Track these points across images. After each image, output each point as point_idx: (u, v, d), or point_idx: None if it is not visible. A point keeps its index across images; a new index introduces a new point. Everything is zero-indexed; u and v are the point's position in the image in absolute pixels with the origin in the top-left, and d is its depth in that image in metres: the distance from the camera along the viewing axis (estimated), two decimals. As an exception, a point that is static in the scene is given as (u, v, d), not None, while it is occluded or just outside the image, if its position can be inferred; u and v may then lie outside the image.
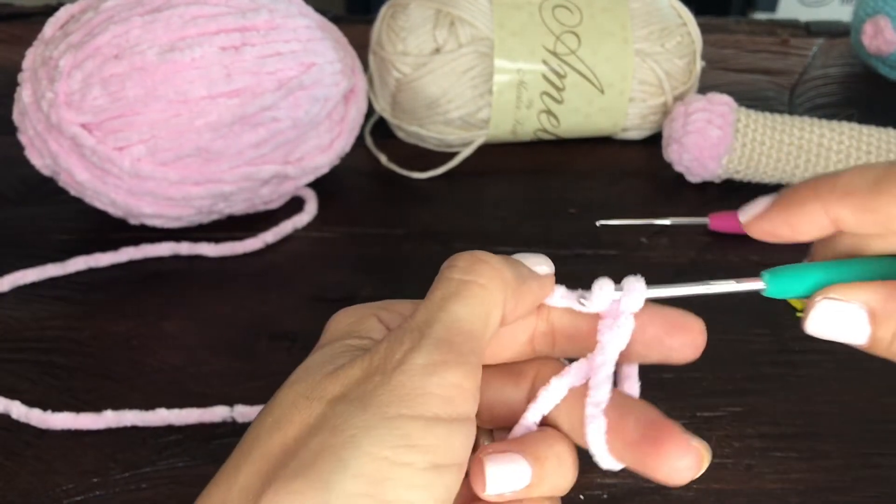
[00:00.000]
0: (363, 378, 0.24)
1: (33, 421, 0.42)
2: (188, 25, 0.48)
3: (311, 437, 0.23)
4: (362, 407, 0.23)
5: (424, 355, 0.24)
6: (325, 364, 0.25)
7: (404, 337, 0.24)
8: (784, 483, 0.40)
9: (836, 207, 0.24)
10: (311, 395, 0.24)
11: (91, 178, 0.50)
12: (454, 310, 0.25)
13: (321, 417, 0.23)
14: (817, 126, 0.58)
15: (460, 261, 0.27)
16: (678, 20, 0.63)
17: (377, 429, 0.22)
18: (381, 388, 0.23)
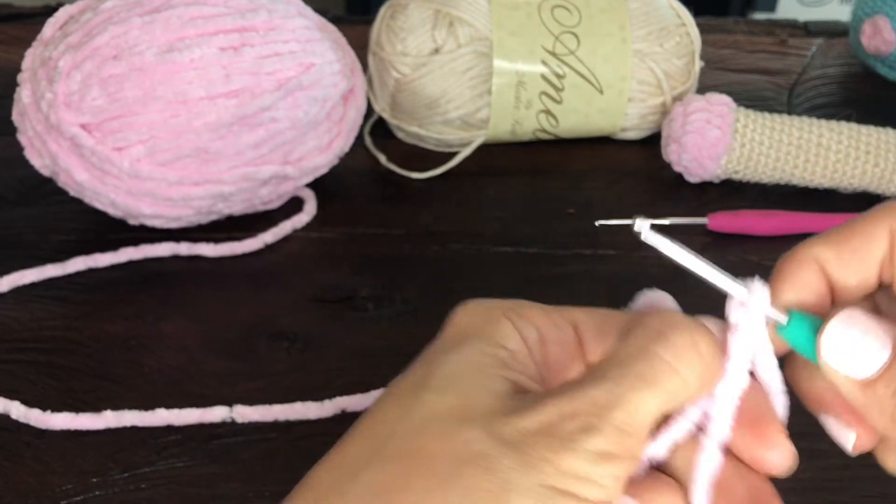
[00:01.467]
0: (530, 433, 0.21)
1: (32, 421, 0.42)
2: (187, 26, 0.48)
3: (461, 466, 0.21)
4: (523, 463, 0.21)
5: (599, 443, 0.21)
6: (475, 375, 0.23)
7: (582, 409, 0.22)
8: (784, 483, 0.40)
9: (819, 250, 0.24)
10: (471, 417, 0.22)
11: (90, 178, 0.50)
12: (646, 400, 0.22)
13: (477, 451, 0.21)
14: (816, 126, 0.58)
15: (678, 337, 0.23)
16: (677, 20, 0.63)
17: (529, 491, 0.21)
18: (546, 454, 0.21)
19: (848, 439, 0.25)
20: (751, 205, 0.58)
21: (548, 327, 0.26)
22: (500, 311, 0.26)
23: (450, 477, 0.21)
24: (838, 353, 0.23)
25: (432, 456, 0.21)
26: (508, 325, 0.25)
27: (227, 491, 0.40)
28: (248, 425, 0.42)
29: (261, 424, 0.42)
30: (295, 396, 0.43)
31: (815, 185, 0.59)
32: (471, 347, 0.24)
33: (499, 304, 0.26)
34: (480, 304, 0.26)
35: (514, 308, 0.26)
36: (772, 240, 0.55)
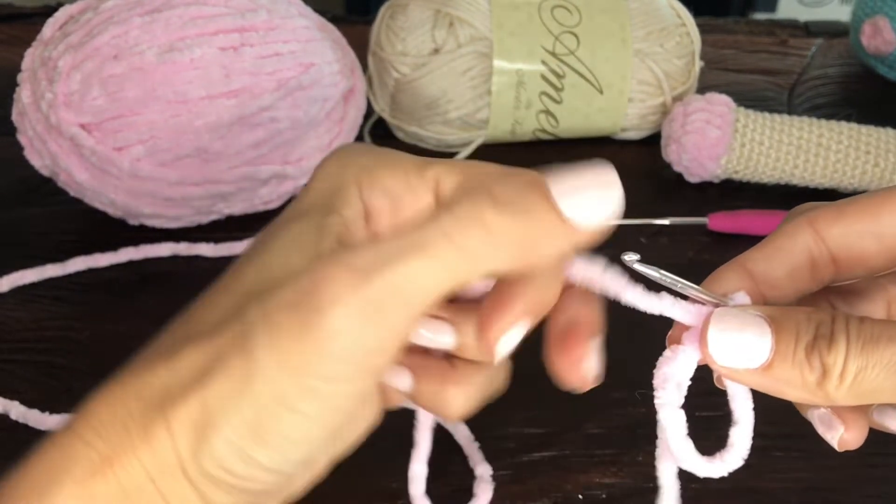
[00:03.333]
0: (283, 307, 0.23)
1: (31, 422, 0.42)
2: (187, 26, 0.48)
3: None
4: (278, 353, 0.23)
5: (345, 319, 0.22)
6: (302, 236, 0.25)
7: (358, 264, 0.22)
8: (784, 483, 0.40)
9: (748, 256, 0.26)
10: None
11: (90, 178, 0.50)
12: (414, 268, 0.22)
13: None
14: (816, 126, 0.58)
15: (466, 207, 0.23)
16: (677, 20, 0.63)
17: (275, 380, 0.22)
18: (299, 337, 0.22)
19: (834, 434, 0.26)
20: (751, 205, 0.58)
21: (401, 191, 0.25)
22: (351, 175, 0.25)
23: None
24: (728, 351, 0.23)
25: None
26: (354, 192, 0.25)
27: (226, 491, 0.39)
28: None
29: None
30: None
31: (815, 185, 0.59)
32: (312, 213, 0.25)
33: (354, 164, 0.26)
34: (341, 160, 0.26)
35: (368, 171, 0.25)
36: (772, 240, 0.55)
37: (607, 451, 0.41)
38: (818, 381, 0.22)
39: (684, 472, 0.27)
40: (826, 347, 0.22)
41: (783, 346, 0.23)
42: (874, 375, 0.22)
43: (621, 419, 0.43)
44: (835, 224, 0.24)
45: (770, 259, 0.25)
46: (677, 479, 0.25)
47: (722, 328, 0.23)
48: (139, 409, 0.24)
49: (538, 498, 0.39)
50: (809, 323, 0.23)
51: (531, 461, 0.40)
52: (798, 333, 0.23)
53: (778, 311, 0.23)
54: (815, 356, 0.22)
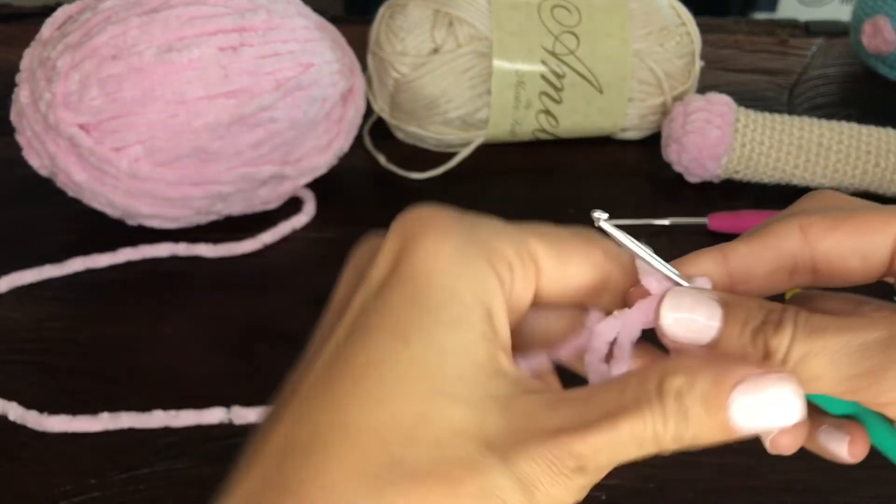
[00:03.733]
0: (536, 464, 0.21)
1: (30, 423, 0.42)
2: (186, 26, 0.48)
3: (481, 499, 0.21)
4: (524, 492, 0.21)
5: (584, 482, 0.22)
6: (480, 375, 0.22)
7: (582, 452, 0.21)
8: (783, 483, 0.40)
9: (731, 246, 0.25)
10: (489, 442, 0.21)
11: (89, 178, 0.50)
12: (627, 453, 0.22)
13: (495, 485, 0.21)
14: (816, 126, 0.58)
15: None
16: (677, 20, 0.63)
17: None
18: (544, 485, 0.21)
19: (842, 445, 0.25)
20: (751, 205, 0.57)
21: (518, 265, 0.24)
22: (482, 256, 0.23)
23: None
24: (678, 323, 0.24)
25: (458, 483, 0.21)
26: (493, 279, 0.23)
27: (225, 492, 0.39)
28: (246, 426, 0.42)
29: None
30: (294, 397, 0.43)
31: (816, 185, 0.59)
32: (467, 330, 0.22)
33: (476, 240, 0.24)
34: (456, 238, 0.23)
35: (493, 247, 0.24)
36: (772, 240, 0.55)
37: (607, 451, 0.41)
38: (759, 362, 0.23)
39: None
40: (772, 332, 0.23)
41: (730, 327, 0.23)
42: (817, 362, 0.22)
43: (621, 420, 0.43)
44: (826, 236, 0.24)
45: (754, 256, 0.25)
46: None
47: (675, 303, 0.24)
48: None
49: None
50: (760, 310, 0.23)
51: (531, 462, 0.40)
52: (747, 317, 0.23)
53: (733, 297, 0.24)
54: (760, 338, 0.23)
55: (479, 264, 0.23)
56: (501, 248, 0.24)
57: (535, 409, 0.22)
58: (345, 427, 0.21)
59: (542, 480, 0.21)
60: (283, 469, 0.21)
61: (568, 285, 0.25)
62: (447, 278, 0.23)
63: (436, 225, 0.24)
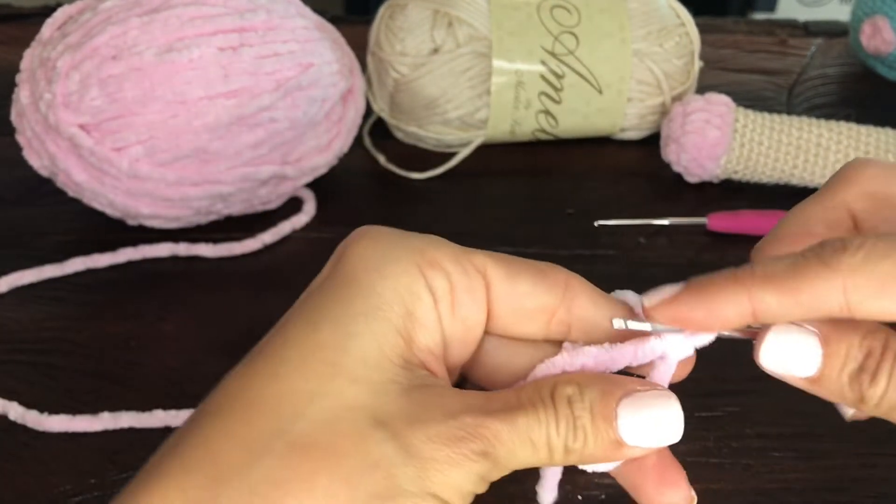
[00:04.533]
0: (434, 443, 0.22)
1: (30, 423, 0.42)
2: (186, 26, 0.48)
3: (368, 471, 0.22)
4: (421, 471, 0.22)
5: (487, 470, 0.23)
6: (385, 363, 0.23)
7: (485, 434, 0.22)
8: (782, 483, 0.40)
9: (759, 291, 0.23)
10: (383, 419, 0.22)
11: (89, 178, 0.50)
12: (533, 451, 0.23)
13: (384, 457, 0.22)
14: (815, 126, 0.58)
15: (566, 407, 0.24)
16: (676, 20, 0.63)
17: (416, 496, 0.22)
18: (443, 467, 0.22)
19: (847, 410, 0.26)
20: (750, 205, 0.58)
21: (458, 275, 0.25)
22: (411, 260, 0.25)
23: (355, 481, 0.22)
24: (779, 364, 0.24)
25: (342, 455, 0.22)
26: (420, 282, 0.24)
27: (225, 492, 0.39)
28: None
29: (260, 425, 0.42)
30: (294, 397, 0.43)
31: (815, 185, 0.59)
32: (381, 320, 0.24)
33: (408, 247, 0.25)
34: (387, 244, 0.25)
35: (425, 254, 0.25)
36: (771, 240, 0.55)
37: (606, 451, 0.41)
38: (856, 401, 0.23)
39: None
40: (868, 381, 0.23)
41: (829, 367, 0.23)
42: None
43: (620, 419, 0.43)
44: (876, 301, 0.22)
45: (785, 309, 0.23)
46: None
47: (776, 342, 0.24)
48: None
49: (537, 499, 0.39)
50: (860, 349, 0.23)
51: (530, 462, 0.40)
52: (846, 359, 0.23)
53: (833, 330, 0.24)
54: (857, 385, 0.23)
55: (406, 267, 0.25)
56: (436, 257, 0.25)
57: (438, 395, 0.23)
58: (241, 397, 0.23)
59: (439, 458, 0.22)
60: (178, 440, 0.23)
61: (523, 306, 0.26)
62: (370, 275, 0.24)
63: (371, 233, 0.26)
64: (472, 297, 0.25)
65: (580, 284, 0.26)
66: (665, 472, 0.26)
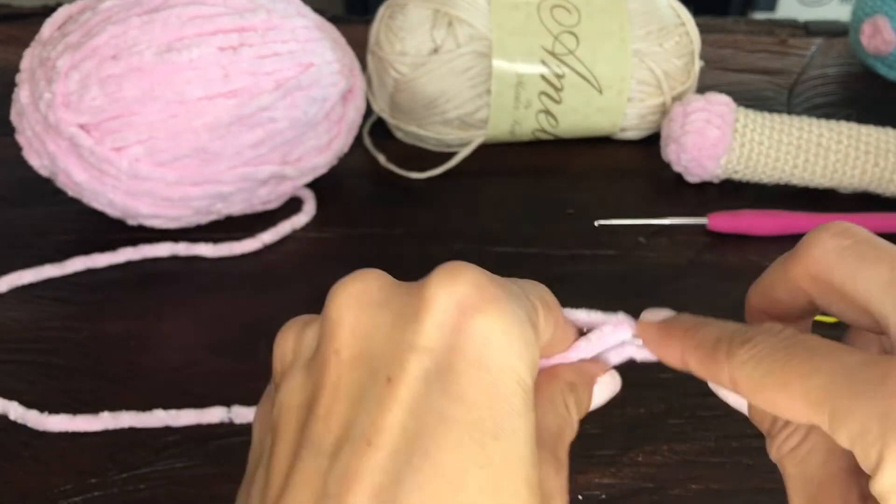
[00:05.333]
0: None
1: (30, 423, 0.42)
2: (186, 26, 0.48)
3: None
4: None
5: None
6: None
7: None
8: (783, 483, 0.40)
9: (688, 355, 0.25)
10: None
11: (89, 178, 0.50)
12: None
13: None
14: (816, 126, 0.58)
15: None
16: (677, 20, 0.63)
17: None
18: None
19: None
20: (751, 205, 0.58)
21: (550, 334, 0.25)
22: (528, 326, 0.22)
23: None
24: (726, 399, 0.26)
25: None
26: (537, 352, 0.23)
27: (225, 491, 0.39)
28: (247, 426, 0.42)
29: (260, 425, 0.42)
30: (294, 397, 0.43)
31: (815, 185, 0.59)
32: (530, 405, 0.22)
33: (524, 316, 0.22)
34: (508, 312, 0.22)
35: (535, 325, 0.23)
36: (772, 240, 0.55)
37: (606, 451, 0.41)
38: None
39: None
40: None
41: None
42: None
43: (620, 419, 0.43)
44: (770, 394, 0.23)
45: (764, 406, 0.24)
46: None
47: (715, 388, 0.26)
48: None
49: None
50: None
51: (530, 461, 0.40)
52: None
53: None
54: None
55: (532, 342, 0.22)
56: (535, 321, 0.23)
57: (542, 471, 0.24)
58: None
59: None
60: None
61: None
62: (516, 362, 0.22)
63: (494, 298, 0.22)
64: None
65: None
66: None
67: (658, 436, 0.42)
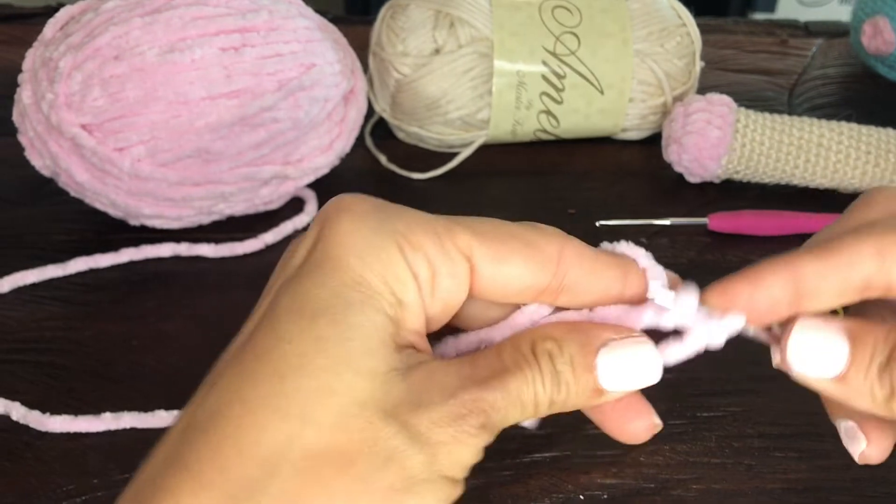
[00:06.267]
0: (439, 427, 0.22)
1: (32, 423, 0.42)
2: (188, 26, 0.48)
3: (382, 466, 0.22)
4: (430, 457, 0.22)
5: (487, 439, 0.23)
6: (381, 350, 0.23)
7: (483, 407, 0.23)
8: (784, 483, 0.40)
9: (798, 261, 0.24)
10: (389, 410, 0.22)
11: (91, 178, 0.50)
12: (526, 411, 0.24)
13: (396, 449, 0.22)
14: (816, 126, 0.58)
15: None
16: (677, 21, 0.63)
17: (429, 481, 0.22)
18: (450, 448, 0.22)
19: (857, 448, 0.26)
20: (751, 205, 0.58)
21: (440, 260, 0.25)
22: (394, 244, 0.24)
23: (371, 479, 0.21)
24: (807, 361, 0.24)
25: (356, 455, 0.22)
26: (402, 266, 0.24)
27: (228, 491, 0.40)
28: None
29: (262, 425, 0.42)
30: (296, 397, 0.43)
31: (816, 185, 0.59)
32: (376, 309, 0.23)
33: (390, 229, 0.24)
34: (370, 224, 0.24)
35: (408, 237, 0.24)
36: (772, 240, 0.55)
37: (609, 451, 0.41)
38: (886, 398, 0.23)
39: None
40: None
41: (858, 361, 0.24)
42: None
43: (622, 419, 0.43)
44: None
45: (824, 276, 0.24)
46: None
47: (802, 341, 0.24)
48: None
49: (539, 498, 0.39)
50: (886, 343, 0.23)
51: (533, 461, 0.40)
52: (874, 351, 0.23)
53: (857, 325, 0.24)
54: (887, 375, 0.23)
55: (391, 254, 0.24)
56: (418, 241, 0.24)
57: (431, 375, 0.23)
58: (243, 403, 0.22)
59: (445, 440, 0.22)
60: (182, 448, 0.22)
61: (509, 285, 0.25)
62: (357, 264, 0.23)
63: (351, 211, 0.25)
64: (455, 281, 0.25)
65: (575, 255, 0.26)
66: (631, 404, 0.27)
67: (659, 436, 0.42)
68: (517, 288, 0.25)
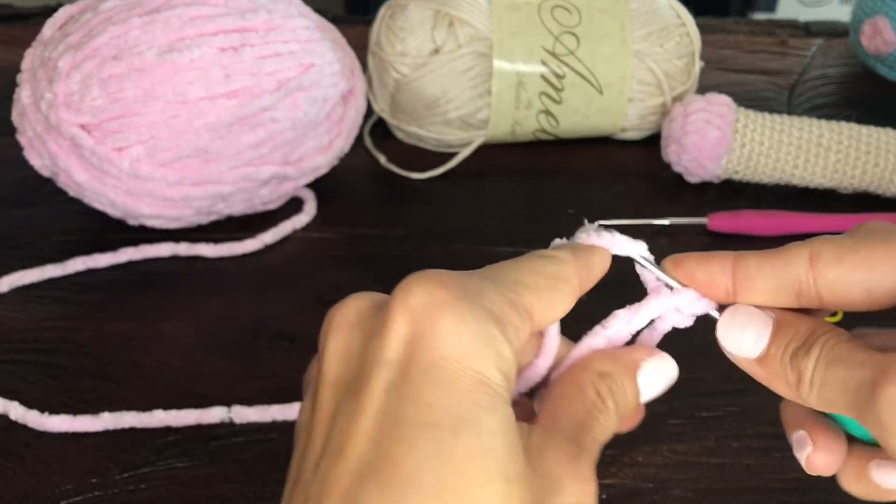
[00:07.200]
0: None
1: (30, 423, 0.42)
2: (187, 26, 0.48)
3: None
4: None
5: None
6: (514, 446, 0.22)
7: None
8: (783, 483, 0.40)
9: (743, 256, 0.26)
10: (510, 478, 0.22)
11: (90, 178, 0.50)
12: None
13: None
14: (816, 126, 0.58)
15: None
16: (677, 20, 0.63)
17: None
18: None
19: (804, 453, 0.28)
20: (751, 205, 0.58)
21: (520, 325, 0.25)
22: (491, 324, 0.23)
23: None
24: (730, 338, 0.26)
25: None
26: (506, 346, 0.23)
27: (226, 491, 0.39)
28: (247, 426, 0.42)
29: (260, 425, 0.42)
30: (295, 396, 0.43)
31: (815, 185, 0.59)
32: (498, 402, 0.23)
33: (476, 307, 0.23)
34: (458, 308, 0.23)
35: (494, 312, 0.23)
36: (772, 240, 0.55)
37: (607, 451, 0.41)
38: (795, 382, 0.25)
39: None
40: (804, 356, 0.25)
41: (775, 346, 0.25)
42: (829, 390, 0.24)
43: (621, 419, 0.43)
44: (832, 268, 0.25)
45: (760, 272, 0.26)
46: None
47: (729, 320, 0.26)
48: None
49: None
50: (805, 331, 0.25)
51: (531, 461, 0.40)
52: (792, 338, 0.25)
53: (787, 315, 0.26)
54: (796, 361, 0.25)
55: (498, 341, 0.23)
56: (505, 316, 0.24)
57: (543, 452, 0.24)
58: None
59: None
60: None
61: (548, 323, 0.27)
62: (475, 360, 0.22)
63: (445, 303, 0.23)
64: (524, 337, 0.25)
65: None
66: None
67: (658, 436, 0.42)
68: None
